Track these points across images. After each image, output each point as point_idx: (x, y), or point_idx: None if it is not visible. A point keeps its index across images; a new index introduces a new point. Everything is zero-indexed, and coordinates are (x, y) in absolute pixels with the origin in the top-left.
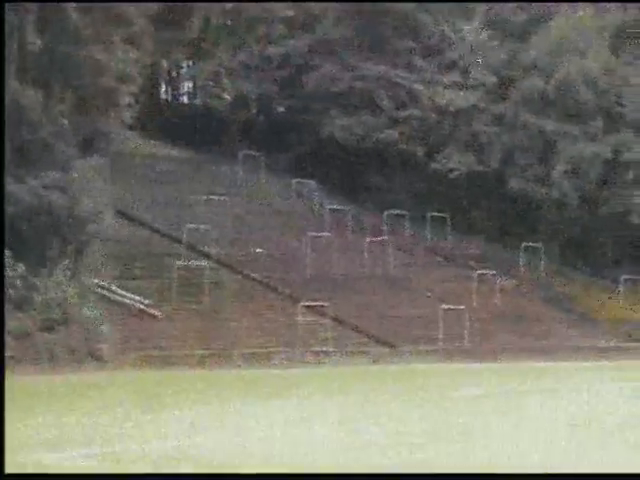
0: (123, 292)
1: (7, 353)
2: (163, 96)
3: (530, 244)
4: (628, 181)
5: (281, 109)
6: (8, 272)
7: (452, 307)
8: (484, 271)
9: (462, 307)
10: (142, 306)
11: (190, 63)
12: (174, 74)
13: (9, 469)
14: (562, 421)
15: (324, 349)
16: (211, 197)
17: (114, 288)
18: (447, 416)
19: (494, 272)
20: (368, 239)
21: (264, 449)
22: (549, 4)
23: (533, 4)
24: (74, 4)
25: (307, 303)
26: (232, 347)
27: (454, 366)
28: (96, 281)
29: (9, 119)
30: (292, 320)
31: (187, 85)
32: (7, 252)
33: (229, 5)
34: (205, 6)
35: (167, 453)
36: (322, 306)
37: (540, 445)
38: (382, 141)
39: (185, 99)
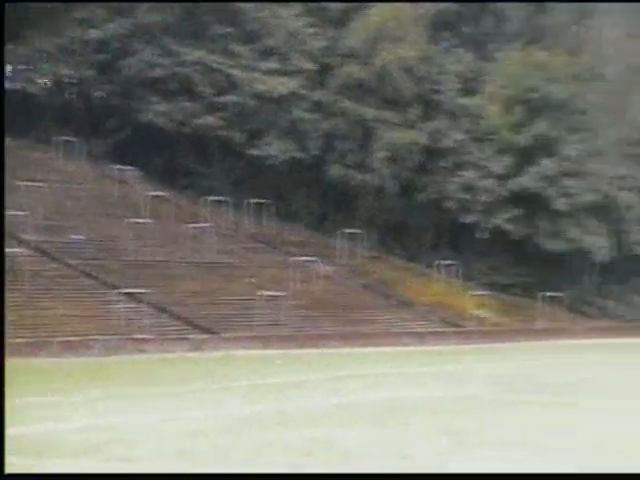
0: None
1: None
2: None
3: (350, 230)
4: (444, 167)
5: (100, 94)
6: None
7: (272, 293)
8: (304, 257)
9: (282, 293)
10: None
11: (8, 46)
12: None
13: None
14: (380, 406)
15: (144, 336)
16: (28, 183)
17: None
18: (264, 402)
19: (314, 259)
20: (189, 225)
21: (82, 439)
22: None
23: None
24: None
25: (126, 290)
26: (50, 336)
27: (273, 352)
28: None
29: None
30: (111, 307)
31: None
32: None
33: None
34: None
35: None
36: (141, 293)
37: (355, 430)
38: (201, 127)
39: None
